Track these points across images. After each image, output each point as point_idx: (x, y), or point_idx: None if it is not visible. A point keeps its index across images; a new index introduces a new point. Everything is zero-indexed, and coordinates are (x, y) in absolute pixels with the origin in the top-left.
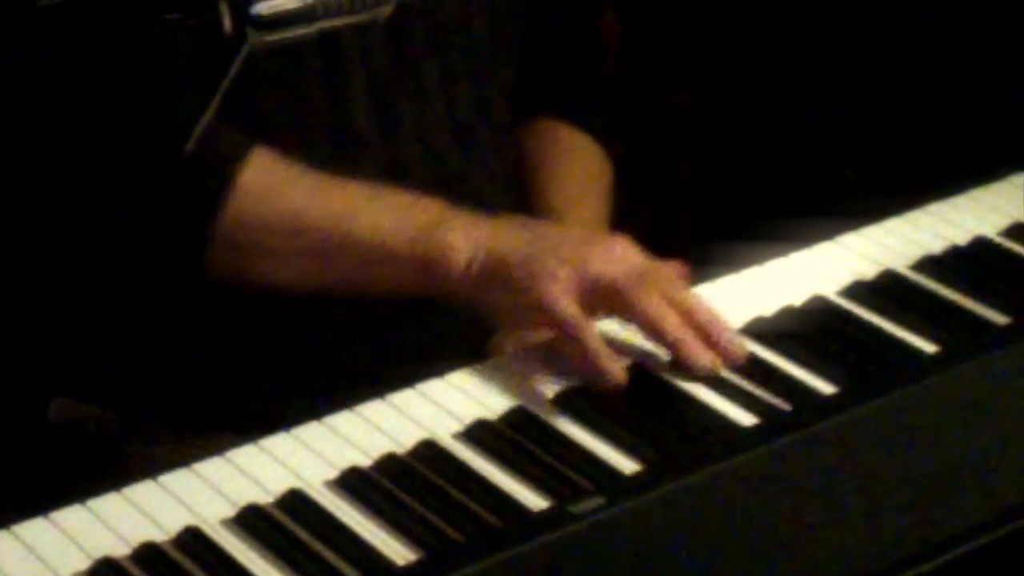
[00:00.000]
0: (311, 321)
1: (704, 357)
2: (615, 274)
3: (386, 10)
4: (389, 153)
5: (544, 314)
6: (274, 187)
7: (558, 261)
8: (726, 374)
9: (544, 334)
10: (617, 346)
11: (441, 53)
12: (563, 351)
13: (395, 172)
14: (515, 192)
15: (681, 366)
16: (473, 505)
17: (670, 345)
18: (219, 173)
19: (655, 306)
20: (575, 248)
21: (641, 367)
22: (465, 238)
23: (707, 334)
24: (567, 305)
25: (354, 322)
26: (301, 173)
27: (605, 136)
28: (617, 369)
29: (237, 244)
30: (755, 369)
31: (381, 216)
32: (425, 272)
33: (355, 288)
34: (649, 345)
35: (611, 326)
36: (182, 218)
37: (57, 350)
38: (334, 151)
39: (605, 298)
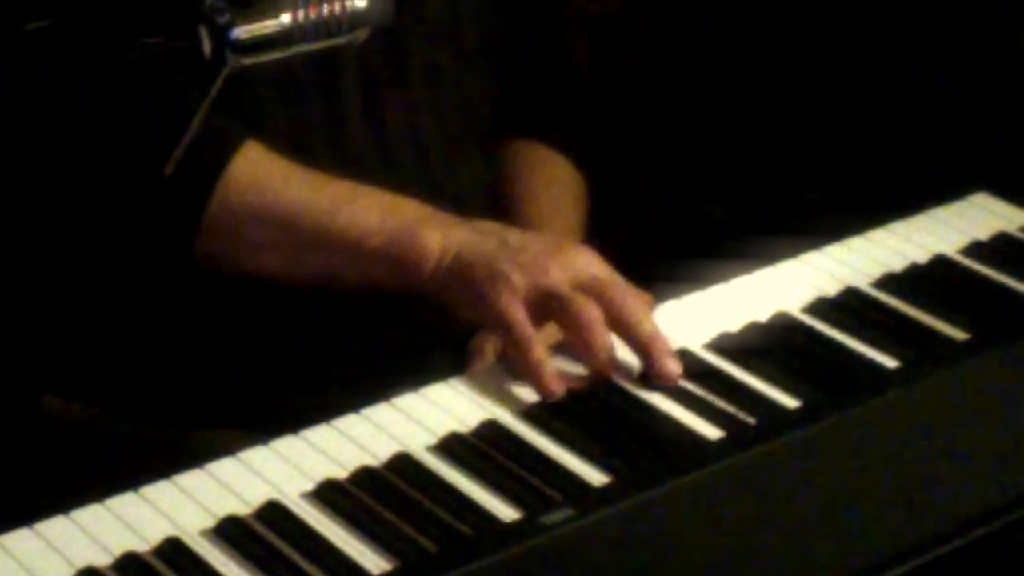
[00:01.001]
0: (293, 322)
1: (604, 366)
2: (566, 285)
3: (360, 35)
4: (380, 155)
5: (494, 320)
6: (262, 179)
7: (515, 267)
8: (693, 388)
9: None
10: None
11: (431, 61)
12: (511, 357)
13: (386, 174)
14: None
15: (648, 379)
16: (446, 516)
17: (589, 357)
18: (211, 161)
19: (587, 315)
20: (536, 256)
21: (610, 381)
22: (439, 238)
23: (645, 351)
24: (515, 312)
25: (336, 322)
26: (290, 167)
27: (579, 156)
28: (555, 384)
29: (224, 232)
30: (721, 383)
31: (362, 214)
32: (400, 270)
33: (334, 281)
34: (620, 358)
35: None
36: (173, 204)
37: (46, 349)
38: (327, 153)
39: (551, 305)
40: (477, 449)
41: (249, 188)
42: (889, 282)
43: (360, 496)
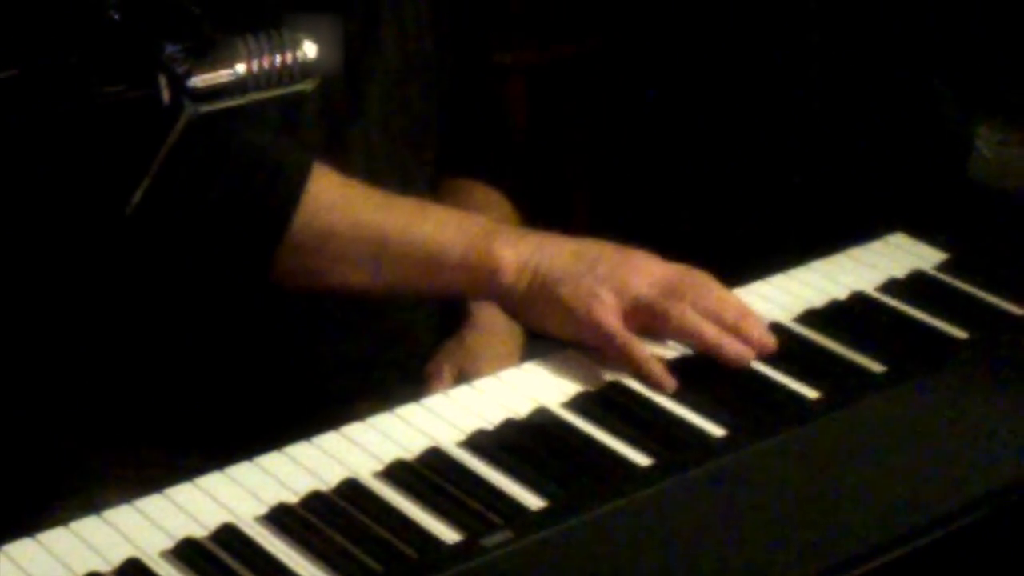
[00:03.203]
0: (248, 357)
1: (744, 353)
2: (651, 293)
3: (310, 84)
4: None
5: (592, 333)
6: (339, 198)
7: (599, 281)
8: (622, 417)
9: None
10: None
11: (387, 100)
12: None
13: None
14: None
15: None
16: (392, 538)
17: (711, 350)
18: (290, 183)
19: (689, 318)
20: (614, 267)
21: (546, 411)
22: (513, 251)
23: (738, 331)
24: (614, 325)
25: (287, 357)
26: (360, 186)
27: (514, 194)
28: (668, 378)
29: (306, 250)
30: (651, 413)
31: (437, 229)
32: (476, 282)
33: (412, 293)
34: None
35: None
36: (255, 225)
37: (25, 373)
38: None
39: (644, 315)
40: (421, 475)
41: (328, 208)
42: (810, 317)
43: (311, 519)
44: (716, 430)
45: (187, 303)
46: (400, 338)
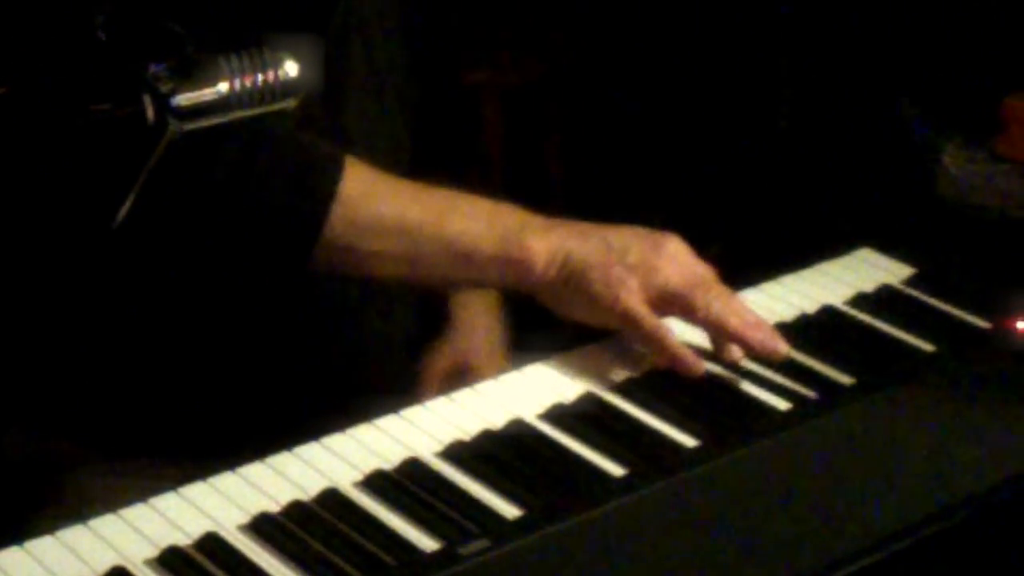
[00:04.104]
0: (231, 368)
1: (767, 343)
2: (679, 281)
3: (292, 102)
4: None
5: (622, 320)
6: (374, 192)
7: (627, 270)
8: (598, 427)
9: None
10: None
11: (362, 111)
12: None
13: None
14: None
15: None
16: (371, 547)
17: (737, 339)
18: (326, 178)
19: (716, 308)
20: (642, 255)
21: (522, 422)
22: (543, 242)
23: (742, 337)
24: (643, 312)
25: (270, 367)
26: (392, 179)
27: None
28: (698, 363)
29: (343, 245)
30: (625, 425)
31: (470, 220)
32: (508, 271)
33: (446, 284)
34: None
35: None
36: (290, 227)
37: (12, 382)
38: None
39: (670, 303)
40: (400, 485)
41: (363, 202)
42: (780, 331)
43: (292, 528)
44: (688, 441)
45: (169, 312)
46: (376, 346)
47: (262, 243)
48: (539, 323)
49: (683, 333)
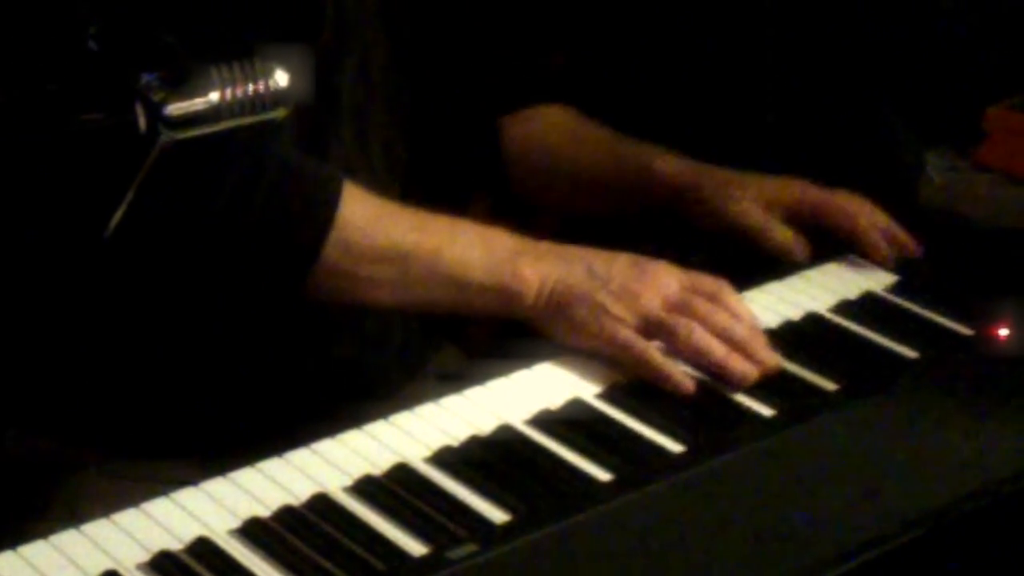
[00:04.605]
0: (221, 375)
1: (748, 373)
2: (661, 309)
3: (282, 111)
4: None
5: (608, 346)
6: (373, 219)
7: (611, 297)
8: (586, 435)
9: None
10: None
11: (361, 121)
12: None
13: None
14: None
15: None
16: (361, 551)
17: (718, 370)
18: (324, 203)
19: (697, 336)
20: (626, 282)
21: (510, 428)
22: (534, 271)
23: (746, 347)
24: (629, 338)
25: (261, 375)
26: (391, 206)
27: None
28: (685, 382)
29: (340, 271)
30: (612, 430)
31: (466, 250)
32: (501, 300)
33: (441, 309)
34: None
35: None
36: (287, 252)
37: (11, 382)
38: None
39: (654, 330)
40: (389, 489)
41: (362, 228)
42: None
43: (282, 533)
44: (674, 446)
45: (162, 319)
46: (374, 355)
47: (258, 266)
48: (526, 331)
49: None
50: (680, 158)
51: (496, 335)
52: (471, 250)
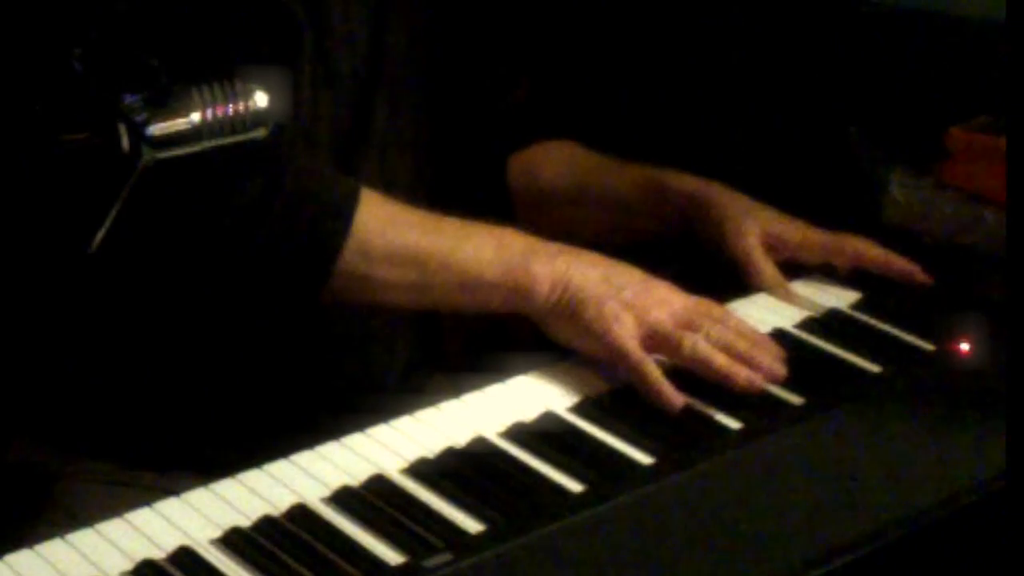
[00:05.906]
0: (205, 387)
1: (753, 379)
2: (668, 322)
3: (262, 131)
4: None
5: (610, 351)
6: (389, 223)
7: (622, 305)
8: (556, 447)
9: None
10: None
11: (392, 135)
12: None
13: None
14: None
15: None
16: (338, 560)
17: (722, 378)
18: (341, 209)
19: (700, 347)
20: (637, 293)
21: (484, 440)
22: (548, 269)
23: (750, 359)
24: (631, 346)
25: (242, 388)
26: (406, 210)
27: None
28: (676, 397)
29: (357, 274)
30: (582, 442)
31: (480, 250)
32: (513, 298)
33: (453, 309)
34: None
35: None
36: (304, 261)
37: (19, 391)
38: None
39: (659, 342)
40: (366, 500)
41: (379, 232)
42: None
43: (262, 542)
44: (644, 458)
45: (157, 330)
46: (377, 377)
47: (276, 273)
48: (499, 345)
49: None
50: (690, 175)
51: (471, 350)
52: (484, 249)
